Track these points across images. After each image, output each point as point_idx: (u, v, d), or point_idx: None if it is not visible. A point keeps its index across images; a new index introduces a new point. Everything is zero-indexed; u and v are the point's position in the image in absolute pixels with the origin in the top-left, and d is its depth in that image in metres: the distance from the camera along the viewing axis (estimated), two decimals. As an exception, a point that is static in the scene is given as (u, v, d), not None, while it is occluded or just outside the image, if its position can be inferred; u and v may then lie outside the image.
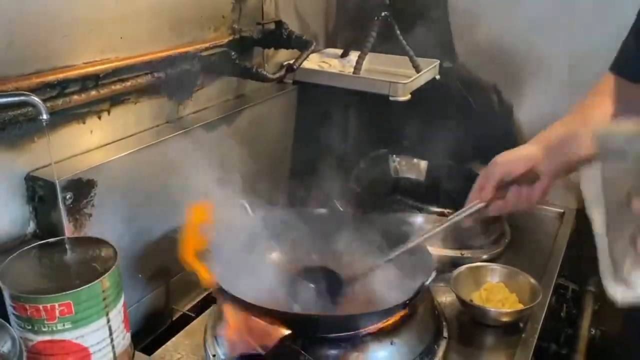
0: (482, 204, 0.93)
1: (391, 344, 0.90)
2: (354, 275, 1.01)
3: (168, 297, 1.13)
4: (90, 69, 0.92)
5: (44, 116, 0.71)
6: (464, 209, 0.96)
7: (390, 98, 1.34)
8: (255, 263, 1.05)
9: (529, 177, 0.90)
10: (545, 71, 1.47)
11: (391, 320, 0.90)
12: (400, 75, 1.43)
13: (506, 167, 0.91)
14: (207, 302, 1.11)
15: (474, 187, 0.95)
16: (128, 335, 0.86)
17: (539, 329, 1.04)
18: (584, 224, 1.44)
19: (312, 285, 1.01)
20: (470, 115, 1.53)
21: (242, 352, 0.90)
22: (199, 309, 1.11)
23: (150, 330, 1.09)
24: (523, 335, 1.02)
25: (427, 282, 0.89)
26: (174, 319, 1.14)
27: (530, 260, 1.27)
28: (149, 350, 1.00)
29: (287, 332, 0.87)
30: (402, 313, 0.91)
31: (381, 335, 0.90)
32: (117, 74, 0.97)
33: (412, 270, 0.98)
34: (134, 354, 0.88)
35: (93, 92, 0.93)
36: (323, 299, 1.00)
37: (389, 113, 1.53)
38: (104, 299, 0.78)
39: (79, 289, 0.74)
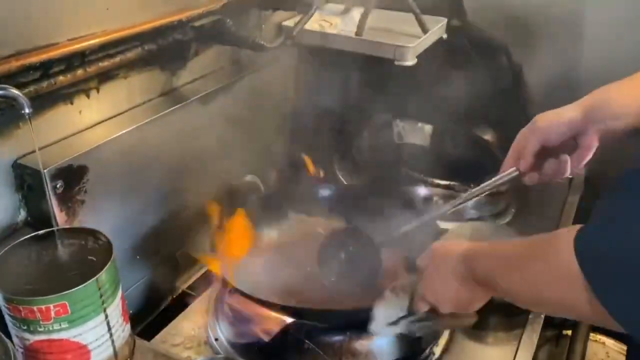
0: (516, 173, 0.84)
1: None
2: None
3: (166, 277, 1.11)
4: (76, 46, 0.85)
5: (26, 110, 0.66)
6: (497, 177, 0.86)
7: (396, 62, 1.27)
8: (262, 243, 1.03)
9: (569, 146, 0.80)
10: (557, 31, 1.39)
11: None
12: (406, 35, 1.35)
13: (548, 133, 0.79)
14: (208, 279, 1.10)
15: (511, 152, 0.84)
16: (127, 326, 0.84)
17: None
18: (592, 191, 1.43)
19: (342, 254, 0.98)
20: (478, 77, 1.46)
21: (246, 338, 0.89)
22: (199, 287, 1.09)
23: (150, 311, 1.08)
24: (530, 314, 1.00)
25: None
26: (174, 296, 1.12)
27: (538, 230, 1.24)
28: (150, 331, 1.00)
29: (290, 320, 0.86)
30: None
31: (386, 322, 0.88)
32: (104, 49, 0.90)
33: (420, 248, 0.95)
34: (134, 344, 0.86)
35: (80, 71, 0.86)
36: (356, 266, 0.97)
37: (393, 75, 1.46)
38: (101, 296, 0.75)
39: (74, 290, 0.71)
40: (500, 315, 1.02)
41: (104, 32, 0.90)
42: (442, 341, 0.94)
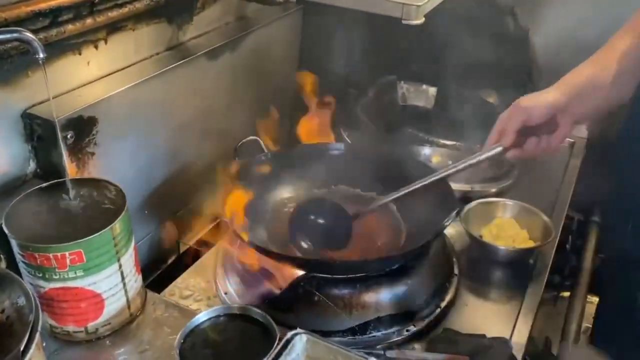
0: (500, 149, 0.90)
1: (405, 284, 0.90)
2: (360, 211, 0.99)
3: (175, 231, 1.11)
4: (84, -6, 0.83)
5: (40, 55, 0.65)
6: (481, 152, 0.92)
7: (403, 21, 1.25)
8: (267, 201, 1.03)
9: (549, 126, 0.87)
10: (566, -7, 1.38)
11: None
12: (412, -6, 1.33)
13: (529, 113, 0.86)
14: (215, 235, 1.10)
15: (493, 130, 0.91)
16: (139, 277, 0.84)
17: (549, 267, 1.04)
18: (594, 154, 1.44)
19: (320, 221, 1.00)
20: (483, 39, 1.45)
21: (256, 291, 0.90)
22: (207, 243, 1.10)
23: (158, 265, 1.09)
24: (533, 273, 1.02)
25: (447, 223, 0.87)
26: (181, 252, 1.13)
27: (540, 194, 1.26)
28: (158, 285, 1.00)
29: (301, 272, 0.87)
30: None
31: (395, 275, 0.89)
32: (112, -2, 0.88)
33: (431, 206, 0.96)
34: (146, 295, 0.87)
35: (89, 20, 0.85)
36: (331, 235, 0.99)
37: (398, 35, 1.45)
38: (115, 245, 0.75)
39: (90, 237, 0.71)
40: (504, 271, 1.04)
41: (113, -19, 0.88)
42: (448, 296, 0.95)
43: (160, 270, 1.08)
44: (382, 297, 0.88)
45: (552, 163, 1.39)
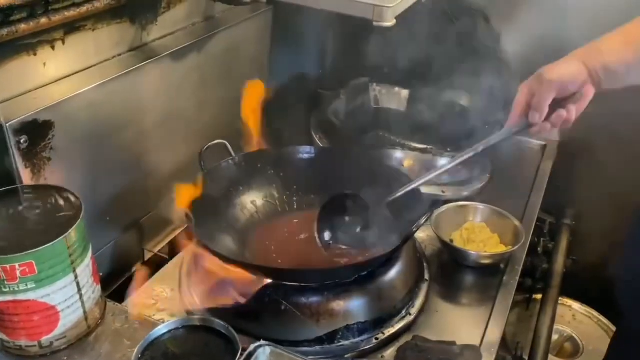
0: (525, 124, 0.85)
1: (375, 291, 0.88)
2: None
3: (138, 238, 1.08)
4: (39, -8, 0.80)
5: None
6: (506, 129, 0.87)
7: (374, 23, 1.24)
8: (235, 208, 1.01)
9: (575, 97, 0.83)
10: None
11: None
12: (384, -4, 1.32)
13: (562, 84, 0.82)
14: (180, 242, 1.07)
15: (516, 106, 0.86)
16: (98, 287, 0.81)
17: (520, 271, 1.03)
18: (565, 156, 1.44)
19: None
20: (455, 42, 1.45)
21: (221, 301, 0.87)
22: (171, 250, 1.07)
23: (120, 274, 1.05)
24: (504, 277, 1.01)
25: (416, 228, 0.86)
26: (145, 259, 1.09)
27: (512, 197, 1.25)
28: (121, 294, 0.97)
29: (267, 280, 0.84)
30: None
31: (364, 282, 0.87)
32: (70, -3, 0.85)
33: (401, 210, 0.94)
34: (105, 306, 0.83)
35: (43, 20, 0.81)
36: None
37: (370, 37, 1.43)
38: (70, 255, 0.72)
39: (41, 248, 0.67)
40: (475, 276, 1.03)
41: (70, -21, 0.84)
42: (418, 302, 0.94)
43: (123, 279, 1.04)
44: (351, 304, 0.86)
45: (524, 165, 1.39)
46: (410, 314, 0.91)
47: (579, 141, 1.46)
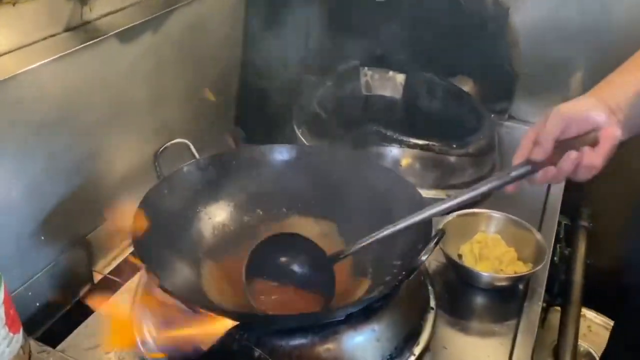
0: (528, 167, 0.69)
1: (370, 330, 0.71)
2: (338, 252, 0.76)
3: (81, 261, 0.90)
4: None
5: None
6: (508, 171, 0.71)
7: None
8: (197, 226, 0.83)
9: (588, 139, 0.68)
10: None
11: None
12: (376, -35, 1.14)
13: (569, 121, 0.68)
14: (133, 265, 0.89)
15: (523, 144, 0.71)
16: (17, 336, 0.63)
17: (543, 293, 0.87)
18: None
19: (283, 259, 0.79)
20: (459, 19, 1.27)
21: (179, 345, 0.70)
22: (124, 273, 0.89)
23: (64, 302, 0.87)
24: (525, 303, 0.84)
25: (425, 257, 0.68)
26: (93, 283, 0.91)
27: (524, 199, 1.09)
28: (61, 329, 0.79)
29: (234, 323, 0.67)
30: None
31: (358, 320, 0.70)
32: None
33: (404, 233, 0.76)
34: (30, 356, 0.66)
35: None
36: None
37: (361, 14, 1.25)
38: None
39: None
40: (488, 300, 0.87)
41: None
42: (423, 338, 0.77)
43: (64, 310, 0.86)
44: (342, 348, 0.69)
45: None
46: (413, 354, 0.74)
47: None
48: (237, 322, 0.66)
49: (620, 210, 1.35)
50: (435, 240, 0.67)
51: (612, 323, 1.36)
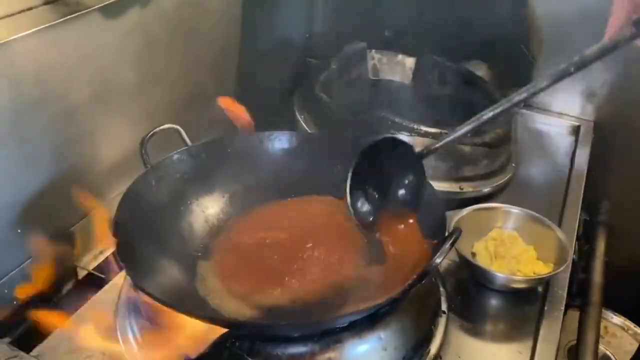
0: (628, 34, 0.63)
1: (377, 338, 0.64)
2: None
3: (70, 253, 0.83)
4: None
5: None
6: (605, 42, 0.65)
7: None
8: (188, 220, 0.76)
9: None
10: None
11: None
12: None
13: None
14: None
15: (619, 5, 0.65)
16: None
17: (565, 297, 0.80)
18: (599, 138, 1.21)
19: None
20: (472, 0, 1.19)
21: (165, 352, 0.63)
22: (108, 271, 0.82)
23: (46, 300, 0.80)
24: (545, 307, 0.77)
25: (440, 260, 0.60)
26: (79, 279, 0.85)
27: (542, 192, 1.03)
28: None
29: (223, 330, 0.60)
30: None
31: (363, 327, 0.63)
32: None
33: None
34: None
35: None
36: None
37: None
38: None
39: None
40: (505, 303, 0.80)
41: None
42: (434, 346, 0.70)
43: (49, 304, 0.80)
44: (345, 358, 0.62)
45: (556, 151, 1.16)
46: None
47: (616, 120, 1.23)
48: (225, 330, 0.59)
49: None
50: (451, 240, 0.60)
51: (630, 324, 1.29)
